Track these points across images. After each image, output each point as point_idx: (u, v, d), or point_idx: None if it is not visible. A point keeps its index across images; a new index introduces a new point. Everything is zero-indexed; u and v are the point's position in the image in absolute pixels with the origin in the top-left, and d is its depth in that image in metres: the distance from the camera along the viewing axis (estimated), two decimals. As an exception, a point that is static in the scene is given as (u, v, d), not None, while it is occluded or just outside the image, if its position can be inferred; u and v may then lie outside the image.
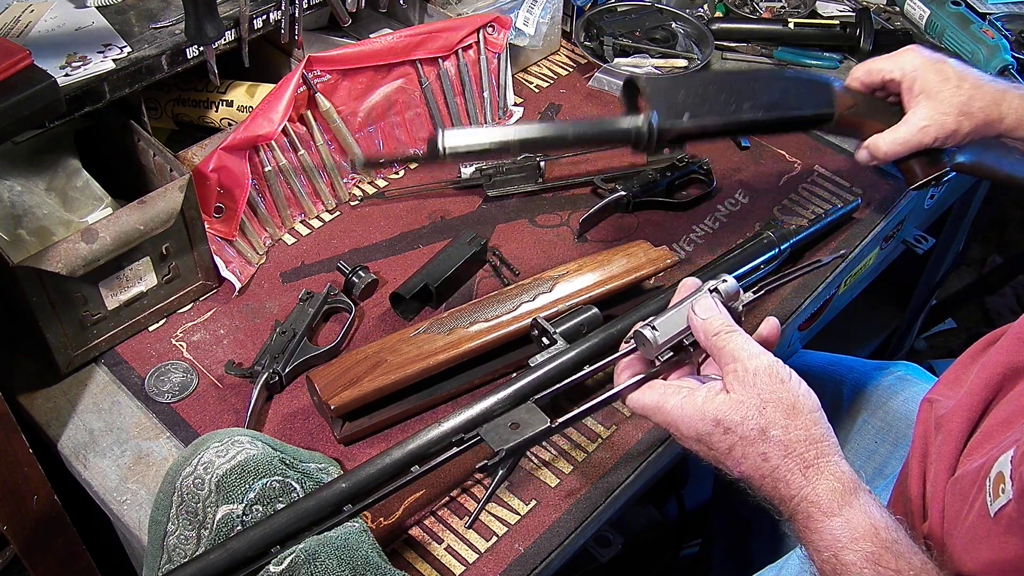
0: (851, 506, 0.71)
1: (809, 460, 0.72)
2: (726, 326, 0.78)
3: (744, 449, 0.73)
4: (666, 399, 0.78)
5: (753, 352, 0.75)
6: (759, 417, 0.73)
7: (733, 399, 0.74)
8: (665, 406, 0.78)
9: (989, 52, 1.47)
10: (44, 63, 0.94)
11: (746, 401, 0.74)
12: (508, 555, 0.93)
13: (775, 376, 0.74)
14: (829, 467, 0.72)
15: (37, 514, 1.04)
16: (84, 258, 0.97)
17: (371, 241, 1.23)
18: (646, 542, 1.74)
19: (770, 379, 0.74)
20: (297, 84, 1.18)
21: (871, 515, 0.71)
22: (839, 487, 0.72)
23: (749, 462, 0.74)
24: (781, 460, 0.72)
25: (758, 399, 0.73)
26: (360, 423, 1.00)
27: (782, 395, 0.74)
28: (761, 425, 0.73)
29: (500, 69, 1.39)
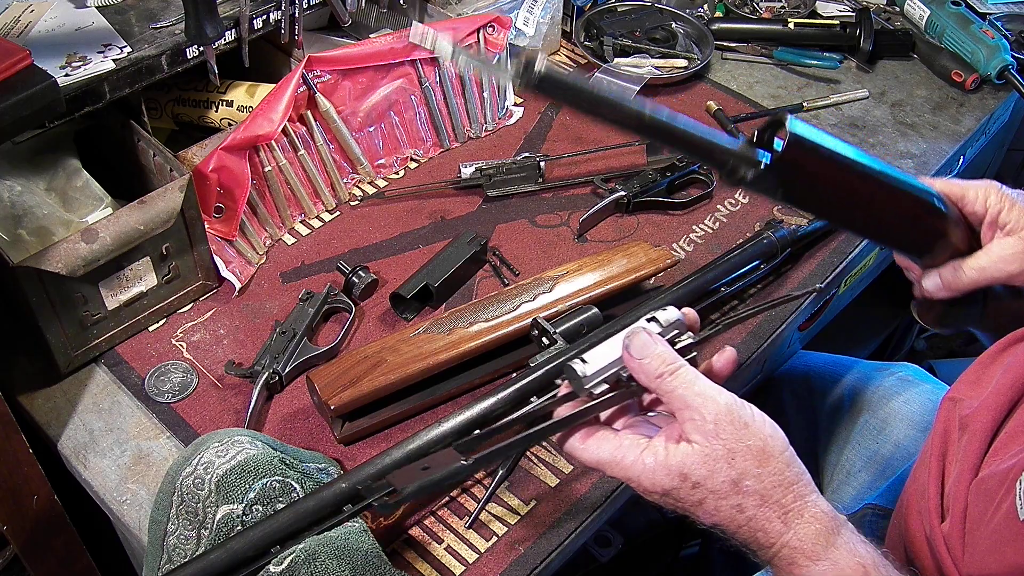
0: (836, 547, 0.68)
1: (787, 505, 0.69)
2: (668, 365, 0.70)
3: (716, 502, 0.69)
4: (623, 453, 0.71)
5: (707, 395, 0.69)
6: (729, 469, 0.68)
7: (697, 451, 0.69)
8: (623, 461, 0.71)
9: (989, 52, 1.47)
10: (44, 63, 0.94)
11: (712, 453, 0.68)
12: (508, 555, 0.93)
13: (738, 421, 0.69)
14: (808, 509, 0.69)
15: (37, 514, 1.04)
16: (84, 258, 0.97)
17: (371, 241, 1.23)
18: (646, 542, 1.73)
19: (733, 426, 0.69)
20: (297, 84, 1.18)
21: (858, 553, 0.68)
22: (821, 528, 0.68)
23: (723, 514, 0.70)
24: (757, 510, 0.68)
25: (724, 450, 0.68)
26: (360, 423, 1.00)
27: (750, 442, 0.68)
28: (732, 477, 0.68)
29: (500, 69, 1.39)
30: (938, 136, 1.43)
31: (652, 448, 0.70)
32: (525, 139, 1.39)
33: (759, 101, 1.48)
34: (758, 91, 1.50)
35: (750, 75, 1.54)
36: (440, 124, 1.35)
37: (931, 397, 1.24)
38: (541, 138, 1.39)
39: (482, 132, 1.39)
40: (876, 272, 1.48)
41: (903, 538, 0.89)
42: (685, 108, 1.45)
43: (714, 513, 0.70)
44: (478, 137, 1.39)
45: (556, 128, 1.41)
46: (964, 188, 0.93)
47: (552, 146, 1.38)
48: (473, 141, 1.38)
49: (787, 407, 1.36)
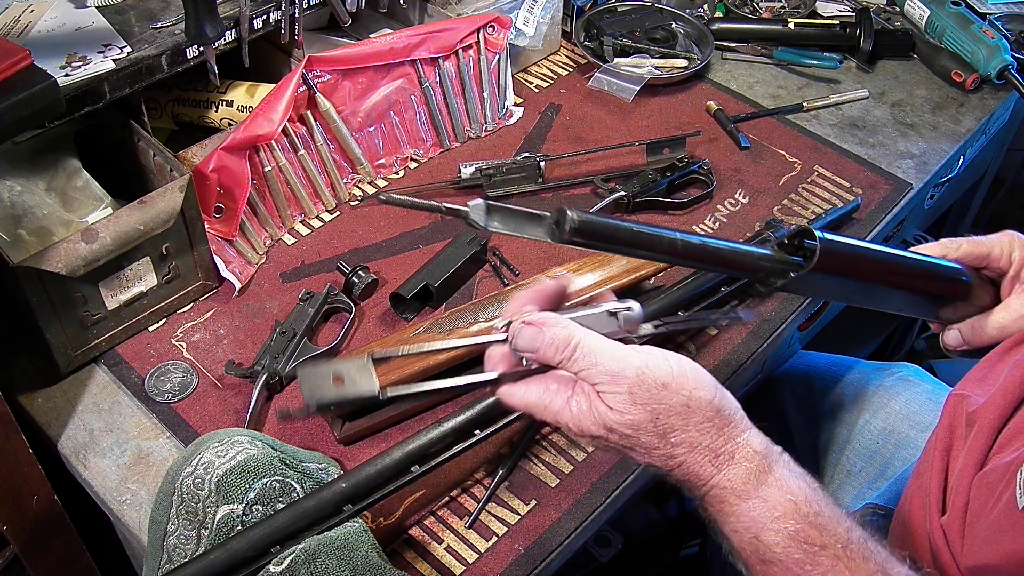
0: (767, 484, 0.68)
1: (717, 449, 0.69)
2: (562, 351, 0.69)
3: (646, 452, 0.69)
4: (550, 398, 0.71)
5: (614, 369, 0.68)
6: (653, 428, 0.68)
7: (620, 418, 0.68)
8: (551, 406, 0.71)
9: (989, 52, 1.47)
10: (44, 63, 0.94)
11: (634, 420, 0.68)
12: (508, 555, 0.93)
13: (654, 384, 0.68)
14: (740, 450, 0.69)
15: (37, 514, 1.04)
16: (84, 258, 0.97)
17: (371, 241, 1.23)
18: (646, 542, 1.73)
19: (649, 391, 0.68)
20: (297, 84, 1.18)
21: (789, 490, 0.68)
22: (752, 468, 0.68)
23: (653, 460, 0.70)
24: (687, 456, 0.69)
25: (646, 413, 0.68)
26: (360, 423, 1.00)
27: (671, 400, 0.68)
28: (658, 433, 0.68)
29: (500, 69, 1.39)
30: (938, 136, 1.43)
31: (577, 396, 0.70)
32: (525, 139, 1.39)
33: (759, 101, 1.48)
34: (758, 91, 1.50)
35: (750, 75, 1.54)
36: (440, 124, 1.35)
37: (931, 397, 1.24)
38: (541, 138, 1.39)
39: (482, 132, 1.39)
40: (876, 272, 1.48)
41: (905, 535, 0.89)
42: (685, 108, 1.45)
43: (645, 459, 0.70)
44: (478, 137, 1.39)
45: (556, 128, 1.41)
46: (990, 246, 0.94)
47: (552, 146, 1.38)
48: (473, 141, 1.38)
49: (787, 407, 1.36)
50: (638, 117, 1.43)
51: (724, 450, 0.69)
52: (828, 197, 1.31)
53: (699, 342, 1.12)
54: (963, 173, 1.54)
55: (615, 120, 1.43)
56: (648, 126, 1.42)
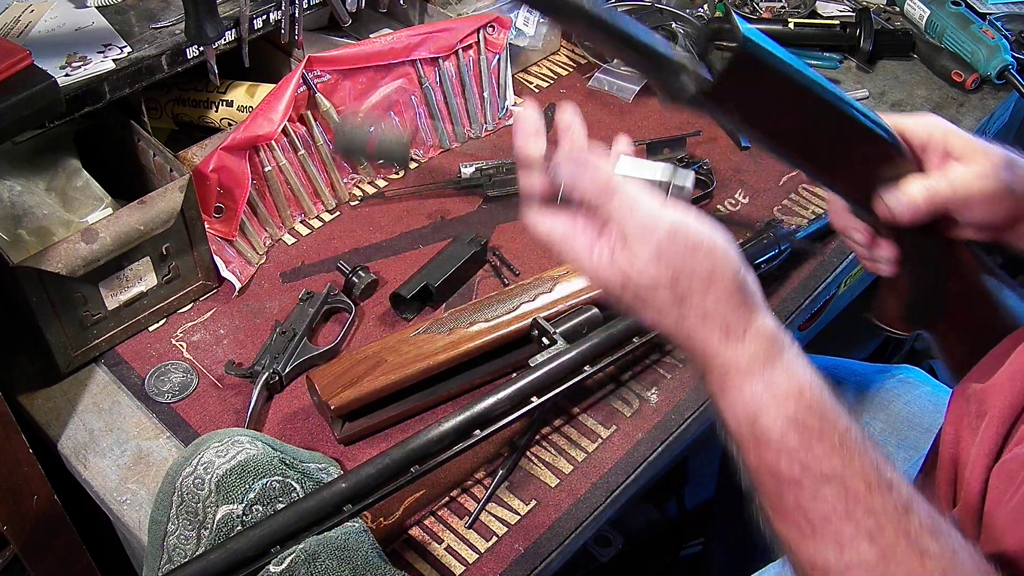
0: (773, 367, 0.66)
1: (730, 324, 0.66)
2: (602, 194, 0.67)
3: (658, 313, 0.67)
4: (575, 239, 0.68)
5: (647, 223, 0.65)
6: (672, 290, 0.66)
7: (641, 272, 0.66)
8: (573, 247, 0.68)
9: (989, 52, 1.47)
10: (44, 63, 0.94)
11: (656, 276, 0.66)
12: (508, 555, 0.93)
13: (684, 245, 0.65)
14: (752, 330, 0.66)
15: (37, 514, 1.04)
16: (84, 258, 0.97)
17: (371, 241, 1.23)
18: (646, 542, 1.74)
19: (678, 251, 0.65)
20: (297, 84, 1.18)
21: (795, 376, 0.66)
22: (761, 348, 0.66)
23: (662, 323, 0.67)
24: (698, 325, 0.66)
25: (668, 274, 0.65)
26: (360, 423, 1.00)
27: (696, 266, 0.65)
28: (675, 297, 0.66)
29: (500, 69, 1.39)
30: (938, 136, 1.43)
31: (602, 243, 0.67)
32: (525, 139, 1.39)
33: (759, 101, 1.48)
34: (758, 91, 1.50)
35: (750, 75, 1.54)
36: (440, 124, 1.35)
37: (932, 399, 1.24)
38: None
39: (482, 132, 1.39)
40: (876, 272, 1.48)
41: None
42: (685, 108, 1.45)
43: (654, 320, 0.68)
44: (478, 137, 1.39)
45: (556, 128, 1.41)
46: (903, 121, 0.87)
47: (552, 146, 1.37)
48: (473, 141, 1.38)
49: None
50: (638, 117, 1.43)
51: (737, 327, 0.66)
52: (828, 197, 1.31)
53: (699, 342, 1.12)
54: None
55: (615, 120, 1.43)
56: (648, 126, 1.42)
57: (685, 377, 1.08)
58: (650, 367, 1.09)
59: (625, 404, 1.06)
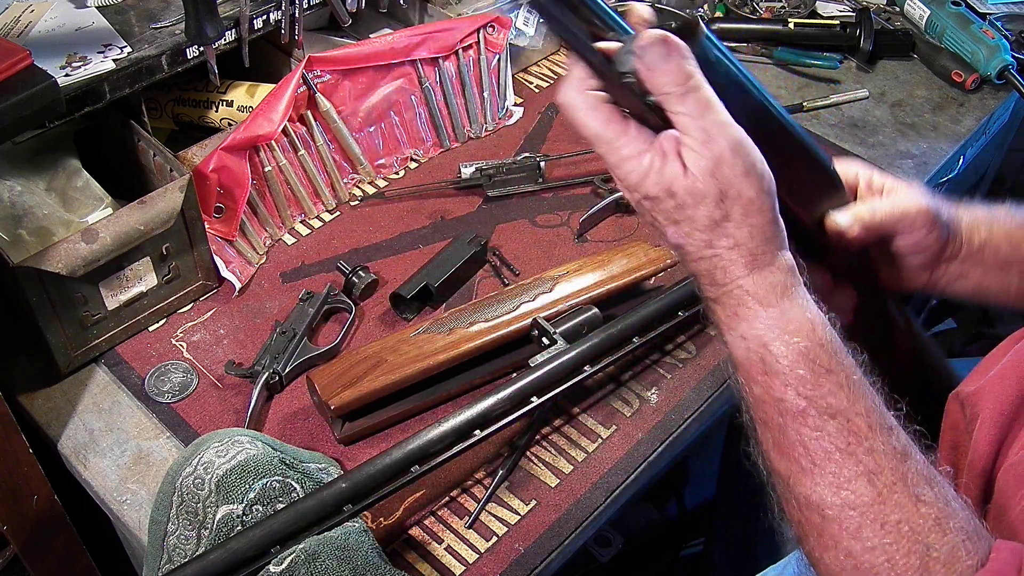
0: (789, 298, 0.66)
1: (756, 254, 0.66)
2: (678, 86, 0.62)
3: (689, 228, 0.66)
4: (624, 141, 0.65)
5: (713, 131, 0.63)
6: (714, 209, 0.64)
7: (689, 182, 0.64)
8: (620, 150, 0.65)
9: (989, 52, 1.47)
10: (44, 63, 0.94)
11: (703, 190, 0.64)
12: (508, 555, 0.93)
13: (739, 166, 0.64)
14: (775, 262, 0.66)
15: (37, 514, 1.04)
16: (84, 258, 0.97)
17: (371, 241, 1.23)
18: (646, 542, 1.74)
19: (733, 169, 0.63)
20: (297, 84, 1.18)
21: (808, 310, 0.66)
22: (780, 280, 0.66)
23: (691, 241, 0.66)
24: (725, 250, 0.66)
25: (717, 190, 0.64)
26: (360, 423, 1.00)
27: (744, 190, 0.64)
28: (715, 217, 0.65)
29: (500, 69, 1.39)
30: (938, 136, 1.43)
31: (652, 152, 0.65)
32: (525, 139, 1.39)
33: (759, 101, 1.48)
34: (758, 91, 1.50)
35: (750, 75, 1.54)
36: (440, 124, 1.35)
37: None
38: (541, 138, 1.39)
39: (482, 132, 1.39)
40: (876, 272, 1.48)
41: None
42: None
43: (683, 237, 0.67)
44: (478, 137, 1.39)
45: (556, 128, 1.41)
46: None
47: (552, 146, 1.38)
48: (473, 141, 1.38)
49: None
50: (638, 117, 1.43)
51: (762, 258, 0.66)
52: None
53: (699, 342, 1.12)
54: (963, 173, 1.54)
55: (615, 120, 1.42)
56: (648, 126, 1.42)
57: (685, 377, 1.08)
58: (650, 367, 1.09)
59: (625, 404, 1.06)
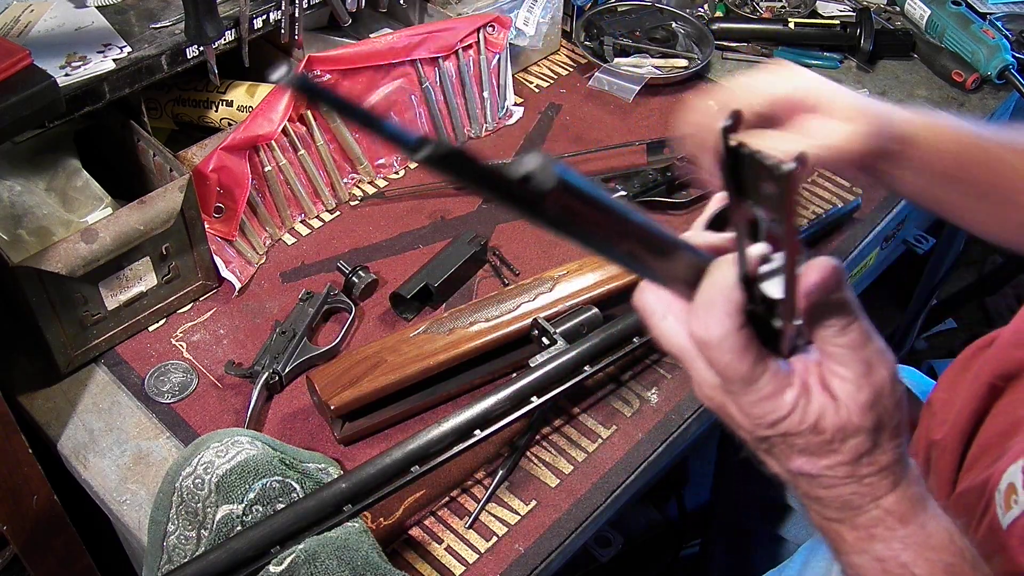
0: (925, 511, 0.61)
1: (896, 473, 0.60)
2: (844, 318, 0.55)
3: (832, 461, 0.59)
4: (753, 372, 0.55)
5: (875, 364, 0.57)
6: (869, 443, 0.58)
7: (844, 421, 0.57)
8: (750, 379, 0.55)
9: (989, 52, 1.47)
10: (44, 63, 0.94)
11: (860, 424, 0.57)
12: (508, 555, 0.93)
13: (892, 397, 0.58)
14: (909, 474, 0.61)
15: (37, 514, 1.04)
16: (84, 258, 0.97)
17: (371, 241, 1.23)
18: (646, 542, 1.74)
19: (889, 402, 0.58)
20: (297, 84, 1.18)
21: (944, 519, 0.61)
22: (916, 493, 0.61)
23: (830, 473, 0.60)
24: (869, 476, 0.60)
25: (872, 423, 0.57)
26: (360, 423, 1.00)
27: (896, 420, 0.59)
28: (865, 449, 0.59)
29: (500, 69, 1.39)
30: (938, 136, 1.43)
31: (794, 387, 0.57)
32: (525, 139, 1.39)
33: (759, 101, 1.48)
34: (758, 91, 1.50)
35: (750, 75, 1.54)
36: (440, 124, 1.35)
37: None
38: (541, 138, 1.39)
39: (482, 132, 1.39)
40: (876, 272, 1.48)
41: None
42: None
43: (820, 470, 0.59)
44: (478, 137, 1.39)
45: (556, 128, 1.41)
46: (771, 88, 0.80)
47: (552, 146, 1.38)
48: (473, 141, 1.38)
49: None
50: (638, 117, 1.43)
51: (900, 473, 0.60)
52: (828, 197, 1.31)
53: (699, 342, 1.12)
54: (963, 173, 1.54)
55: (615, 120, 1.43)
56: (648, 126, 1.42)
57: (685, 377, 1.08)
58: (650, 367, 1.09)
59: (625, 404, 1.06)
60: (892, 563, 0.60)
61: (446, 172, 0.42)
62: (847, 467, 0.59)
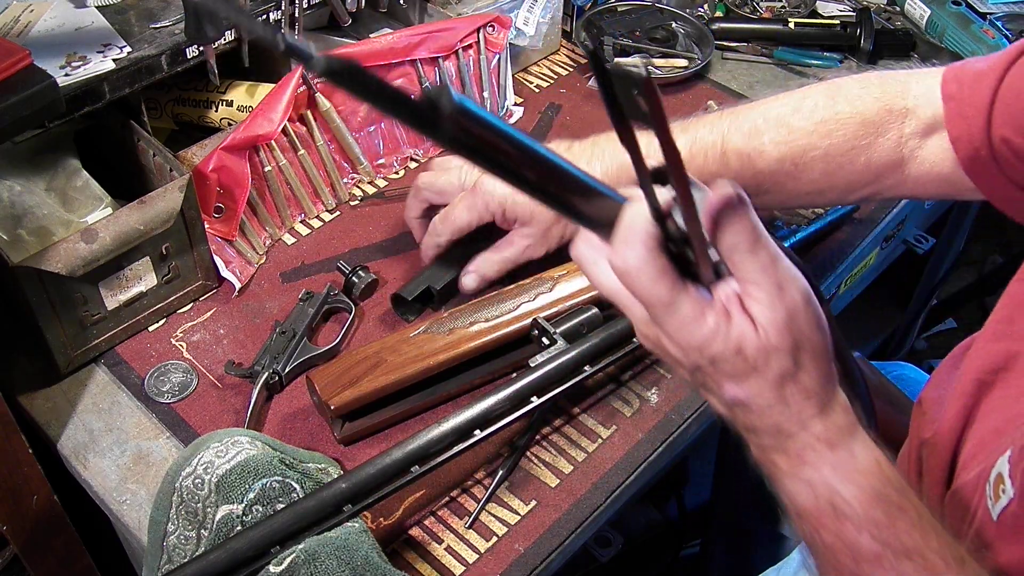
0: (855, 437, 0.63)
1: (823, 398, 0.63)
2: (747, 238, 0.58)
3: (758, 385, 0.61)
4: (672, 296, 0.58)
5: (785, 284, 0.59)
6: (788, 362, 0.61)
7: (762, 341, 0.60)
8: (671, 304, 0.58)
9: (989, 52, 1.46)
10: (44, 63, 0.94)
11: (779, 344, 0.60)
12: (508, 555, 0.93)
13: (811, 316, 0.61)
14: (838, 401, 0.64)
15: (37, 514, 1.04)
16: (84, 258, 0.97)
17: (371, 241, 1.23)
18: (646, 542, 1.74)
19: (807, 321, 0.60)
20: (297, 84, 1.18)
21: (871, 447, 0.64)
22: (845, 421, 0.64)
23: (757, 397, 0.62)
24: (796, 401, 0.62)
25: (792, 342, 0.60)
26: (360, 423, 1.00)
27: (814, 337, 0.61)
28: (788, 370, 0.61)
29: (500, 69, 1.39)
30: (938, 136, 1.43)
31: (713, 311, 0.60)
32: (525, 139, 1.39)
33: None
34: (758, 91, 1.50)
35: (750, 75, 1.54)
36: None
37: None
38: (541, 138, 1.39)
39: (482, 132, 1.39)
40: (876, 272, 1.48)
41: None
42: (685, 108, 1.45)
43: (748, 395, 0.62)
44: (478, 137, 1.39)
45: (556, 128, 1.41)
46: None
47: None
48: (473, 141, 1.38)
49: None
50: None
51: (828, 401, 0.64)
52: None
53: (699, 342, 1.12)
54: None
55: (615, 120, 1.42)
56: (648, 126, 1.42)
57: (685, 377, 1.08)
58: (650, 367, 1.09)
59: (625, 404, 1.06)
60: (821, 487, 0.63)
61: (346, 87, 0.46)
62: (773, 390, 0.62)
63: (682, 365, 0.64)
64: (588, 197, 0.58)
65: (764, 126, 0.97)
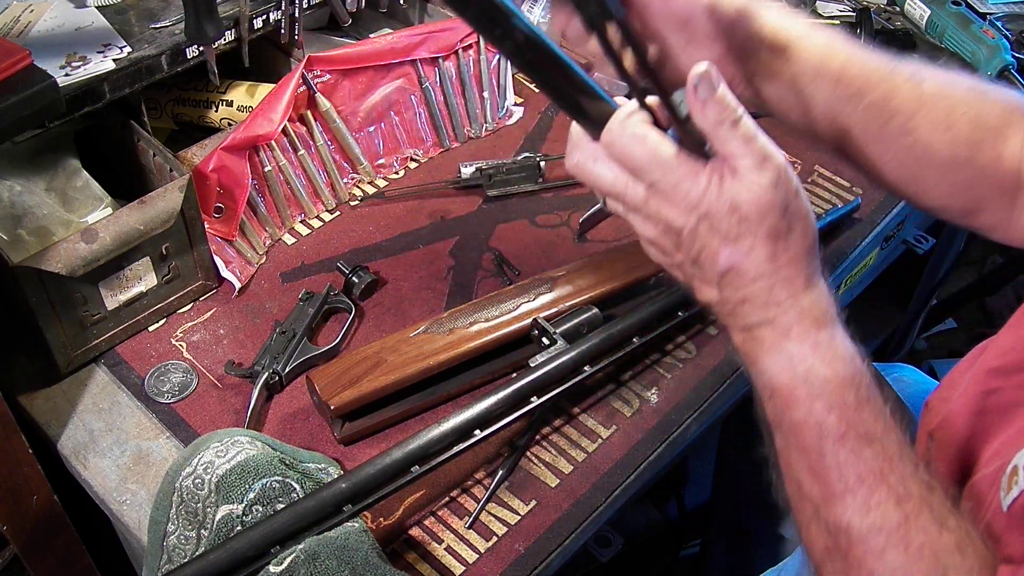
0: (835, 324, 0.67)
1: (810, 272, 0.66)
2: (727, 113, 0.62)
3: (751, 243, 0.64)
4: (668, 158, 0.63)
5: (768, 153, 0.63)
6: (780, 220, 0.63)
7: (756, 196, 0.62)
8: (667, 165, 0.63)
9: (989, 52, 1.47)
10: (44, 63, 0.94)
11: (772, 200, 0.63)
12: (508, 555, 0.93)
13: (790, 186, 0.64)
14: (823, 284, 0.67)
15: (37, 514, 1.04)
16: (84, 258, 0.97)
17: (371, 241, 1.23)
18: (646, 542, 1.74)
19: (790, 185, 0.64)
20: (297, 84, 1.18)
21: (848, 340, 0.67)
22: (830, 304, 0.67)
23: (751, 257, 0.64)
24: (786, 264, 0.64)
25: (783, 200, 0.63)
26: (360, 423, 1.00)
27: (799, 206, 0.65)
28: (781, 229, 0.64)
29: (500, 69, 1.39)
30: (938, 136, 1.43)
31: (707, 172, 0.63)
32: (525, 139, 1.39)
33: (759, 101, 1.47)
34: (758, 91, 1.50)
35: (750, 75, 1.54)
36: (440, 124, 1.35)
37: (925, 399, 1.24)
38: (541, 138, 1.39)
39: (482, 132, 1.39)
40: (876, 272, 1.48)
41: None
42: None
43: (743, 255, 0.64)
44: (478, 137, 1.39)
45: (556, 128, 1.41)
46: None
47: (552, 146, 1.38)
48: (473, 141, 1.38)
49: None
50: (638, 117, 1.43)
51: (814, 276, 0.66)
52: (828, 197, 1.31)
53: (700, 342, 1.12)
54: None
55: (615, 120, 1.42)
56: (648, 126, 1.42)
57: (685, 377, 1.08)
58: (650, 367, 1.09)
59: (625, 404, 1.06)
60: (800, 362, 0.65)
61: None
62: (766, 246, 0.64)
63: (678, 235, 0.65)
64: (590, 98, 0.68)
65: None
